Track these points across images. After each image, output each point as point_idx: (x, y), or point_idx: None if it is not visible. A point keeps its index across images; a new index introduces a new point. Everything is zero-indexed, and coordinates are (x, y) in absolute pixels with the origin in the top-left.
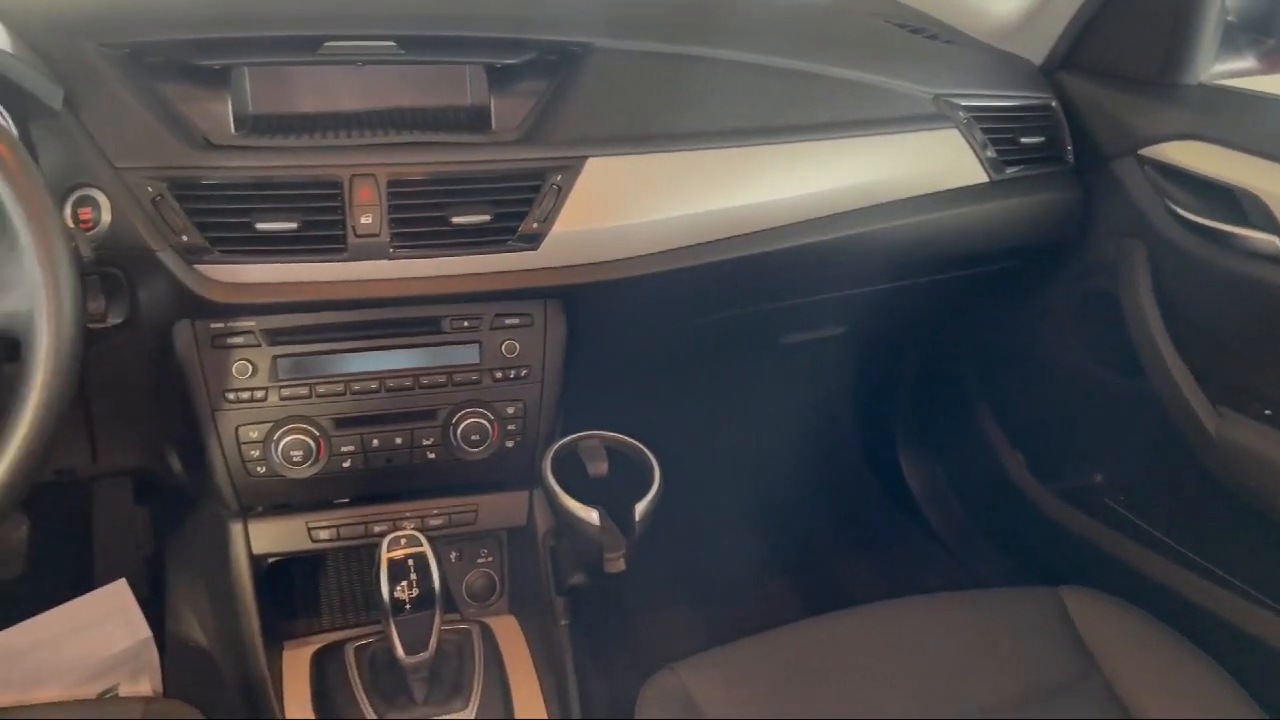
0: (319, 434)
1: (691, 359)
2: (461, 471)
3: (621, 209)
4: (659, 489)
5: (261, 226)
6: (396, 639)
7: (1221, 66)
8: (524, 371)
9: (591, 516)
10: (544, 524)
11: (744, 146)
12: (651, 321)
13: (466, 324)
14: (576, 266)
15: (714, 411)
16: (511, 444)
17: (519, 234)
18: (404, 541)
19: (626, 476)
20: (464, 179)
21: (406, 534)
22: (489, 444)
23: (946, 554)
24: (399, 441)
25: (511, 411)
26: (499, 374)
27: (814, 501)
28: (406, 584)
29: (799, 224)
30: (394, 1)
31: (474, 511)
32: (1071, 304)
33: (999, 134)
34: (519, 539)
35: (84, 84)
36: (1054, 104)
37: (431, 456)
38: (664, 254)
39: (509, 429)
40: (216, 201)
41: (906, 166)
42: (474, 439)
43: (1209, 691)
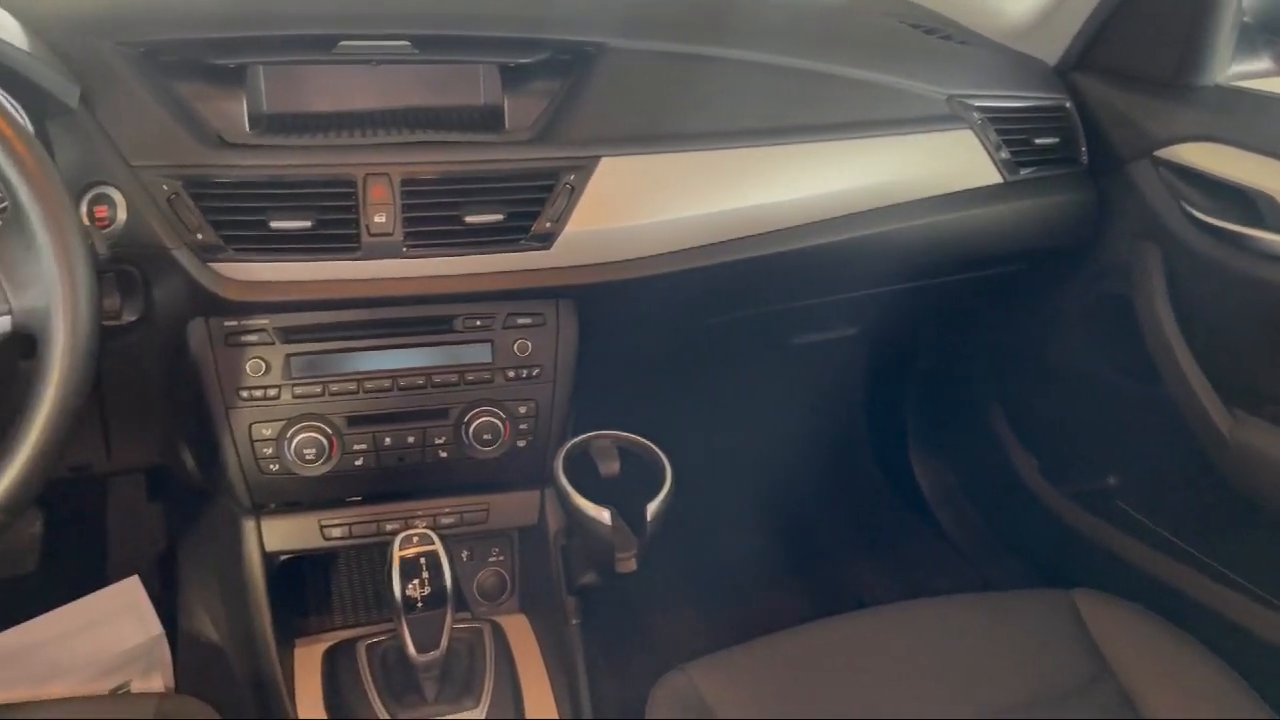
0: (331, 432)
1: (703, 359)
2: (473, 470)
3: (634, 209)
4: (671, 489)
5: (276, 225)
6: (408, 637)
7: (1237, 68)
8: (536, 371)
9: (603, 516)
10: (555, 523)
11: (757, 147)
12: (663, 321)
13: (479, 323)
14: (589, 266)
15: (725, 412)
16: (523, 443)
17: (532, 233)
18: (416, 540)
19: (638, 476)
20: (477, 178)
21: (418, 532)
22: (501, 443)
23: (957, 556)
24: (411, 440)
25: (523, 411)
26: (511, 373)
27: (825, 503)
28: (418, 582)
29: (812, 224)
30: (408, 1)
31: (485, 510)
32: (1085, 306)
33: (1013, 135)
34: (530, 538)
35: (100, 82)
36: (1068, 105)
37: (443, 455)
38: (676, 254)
39: (521, 428)
40: (231, 200)
41: (920, 167)
42: (486, 438)
43: (1221, 695)
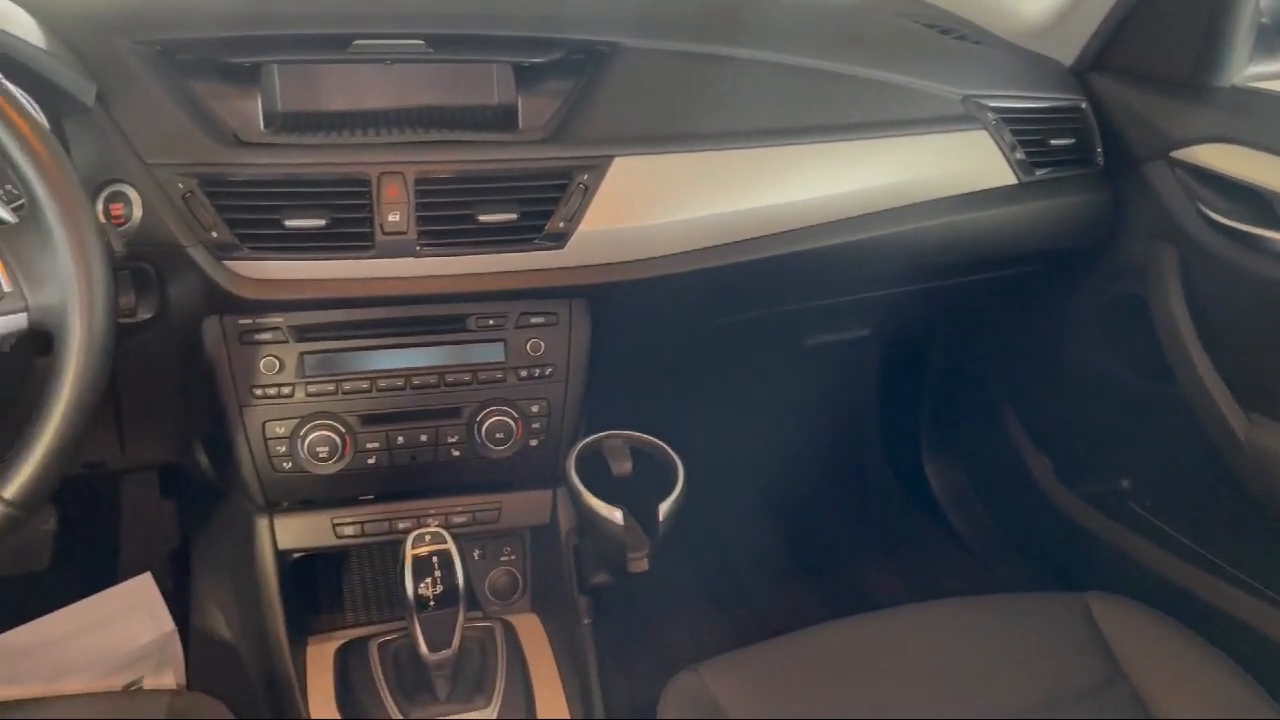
0: (345, 430)
1: (716, 359)
2: (485, 469)
3: (647, 208)
4: (683, 489)
5: (290, 223)
6: (420, 636)
7: (1254, 69)
8: (548, 370)
9: (615, 516)
10: (567, 523)
11: (771, 147)
12: (676, 321)
13: (492, 322)
14: (602, 266)
15: (737, 412)
16: (535, 442)
17: (545, 233)
18: (428, 538)
19: (650, 476)
20: (491, 178)
21: (431, 531)
22: (513, 442)
23: (970, 557)
24: (424, 439)
25: (536, 410)
26: (524, 372)
27: (837, 503)
28: (430, 581)
29: (826, 225)
30: (423, 1)
31: (497, 510)
32: (1100, 307)
33: (1028, 135)
34: (542, 537)
35: (116, 81)
36: (1084, 105)
37: (456, 454)
38: (690, 254)
39: (533, 427)
40: (246, 198)
41: (934, 168)
42: (498, 437)
43: (1236, 699)
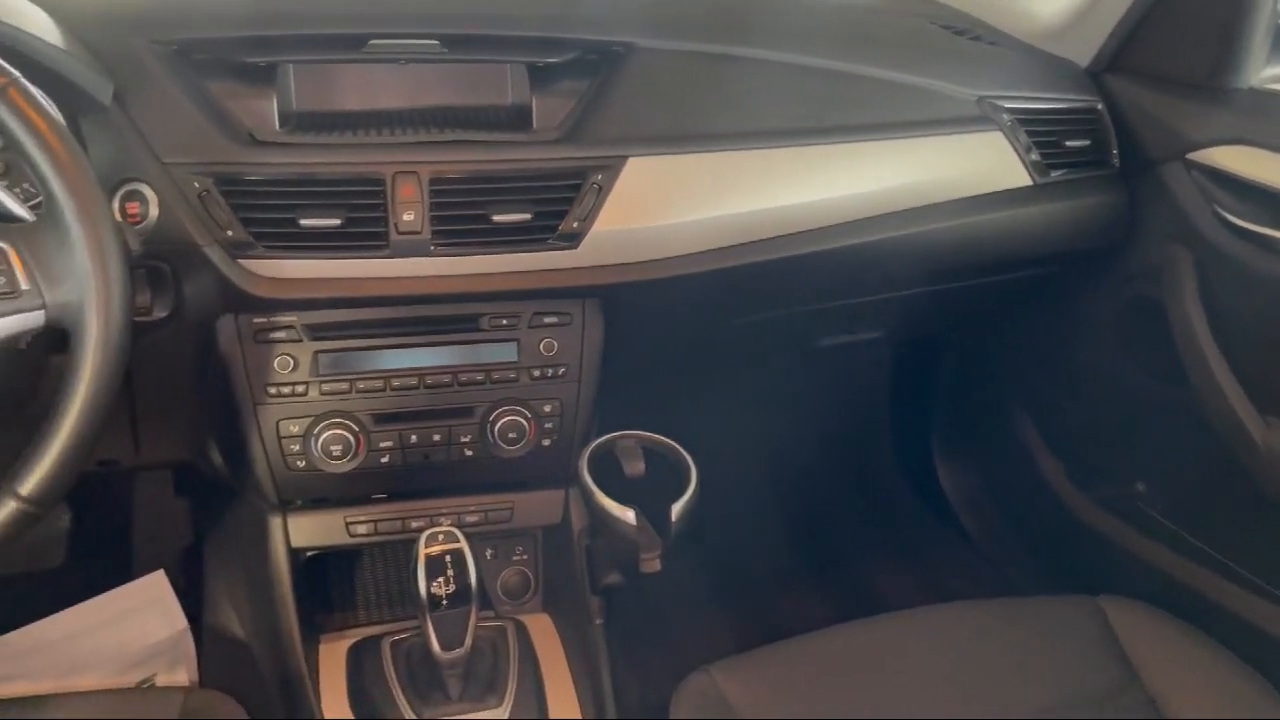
0: (358, 429)
1: (729, 360)
2: (498, 469)
3: (661, 209)
4: (696, 490)
5: (305, 223)
6: (432, 634)
7: (1272, 70)
8: (561, 370)
9: (628, 516)
10: (579, 523)
11: (785, 147)
12: (689, 322)
13: (505, 322)
14: (615, 266)
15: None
16: (548, 442)
17: (559, 233)
18: (441, 538)
19: (663, 477)
20: (505, 177)
21: (444, 530)
22: (526, 442)
23: (982, 560)
24: (437, 438)
25: (548, 410)
26: (536, 372)
27: (849, 505)
28: (443, 580)
29: (840, 225)
30: (437, 1)
31: (510, 509)
32: (1115, 310)
33: (1043, 137)
34: (554, 537)
35: (133, 80)
36: (1100, 107)
37: (469, 454)
38: (703, 254)
39: (546, 427)
40: (261, 197)
41: (949, 169)
42: (511, 437)
43: (1252, 703)
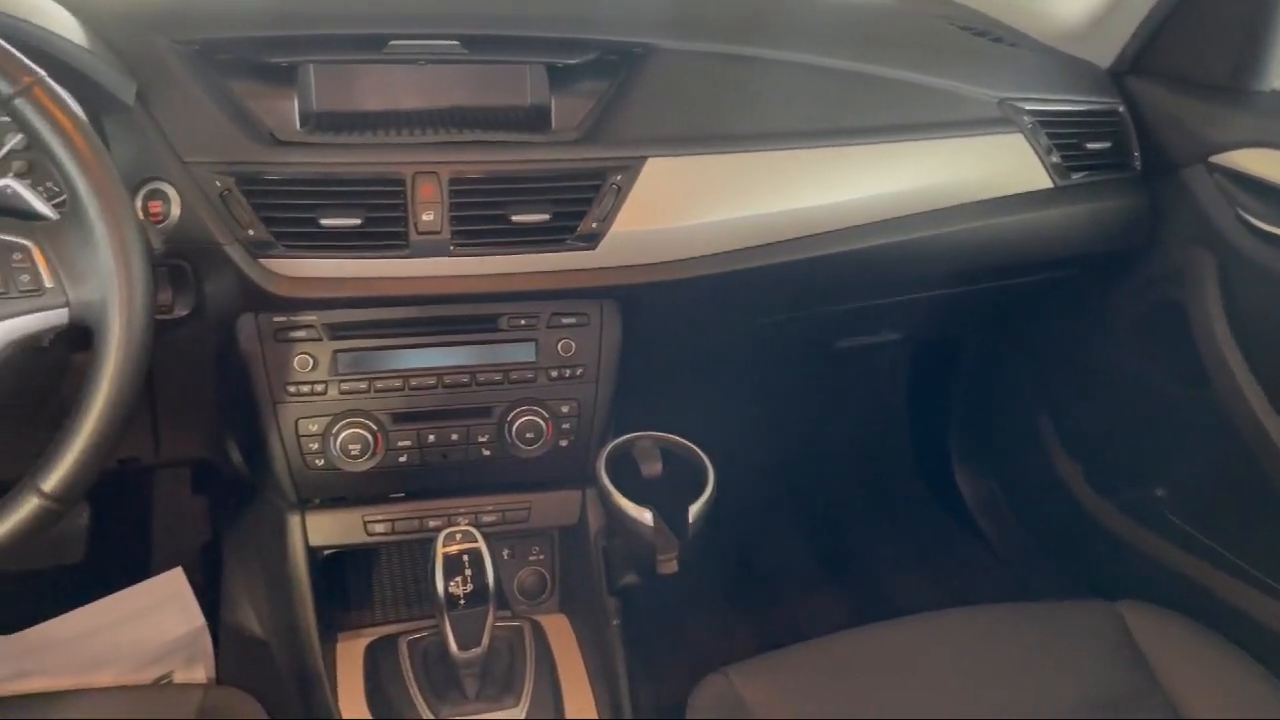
0: (377, 428)
1: (746, 361)
2: (515, 469)
3: (680, 210)
4: (713, 491)
5: (326, 222)
6: (450, 634)
7: None
8: (579, 371)
9: (645, 517)
10: (596, 523)
11: (805, 148)
12: (707, 323)
13: (523, 322)
14: (634, 267)
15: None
16: (565, 443)
17: (578, 233)
18: (459, 537)
19: (680, 478)
20: (524, 178)
21: (461, 530)
22: (543, 442)
23: (999, 565)
24: (455, 438)
25: (566, 410)
26: (554, 373)
27: (866, 507)
28: (461, 579)
29: (860, 227)
30: (457, 1)
31: (527, 509)
32: (1136, 313)
33: (1064, 139)
34: (571, 538)
35: (155, 79)
36: (1121, 109)
37: (486, 453)
38: (722, 255)
39: (563, 428)
40: (282, 197)
41: (970, 171)
42: (528, 437)
43: (1273, 710)
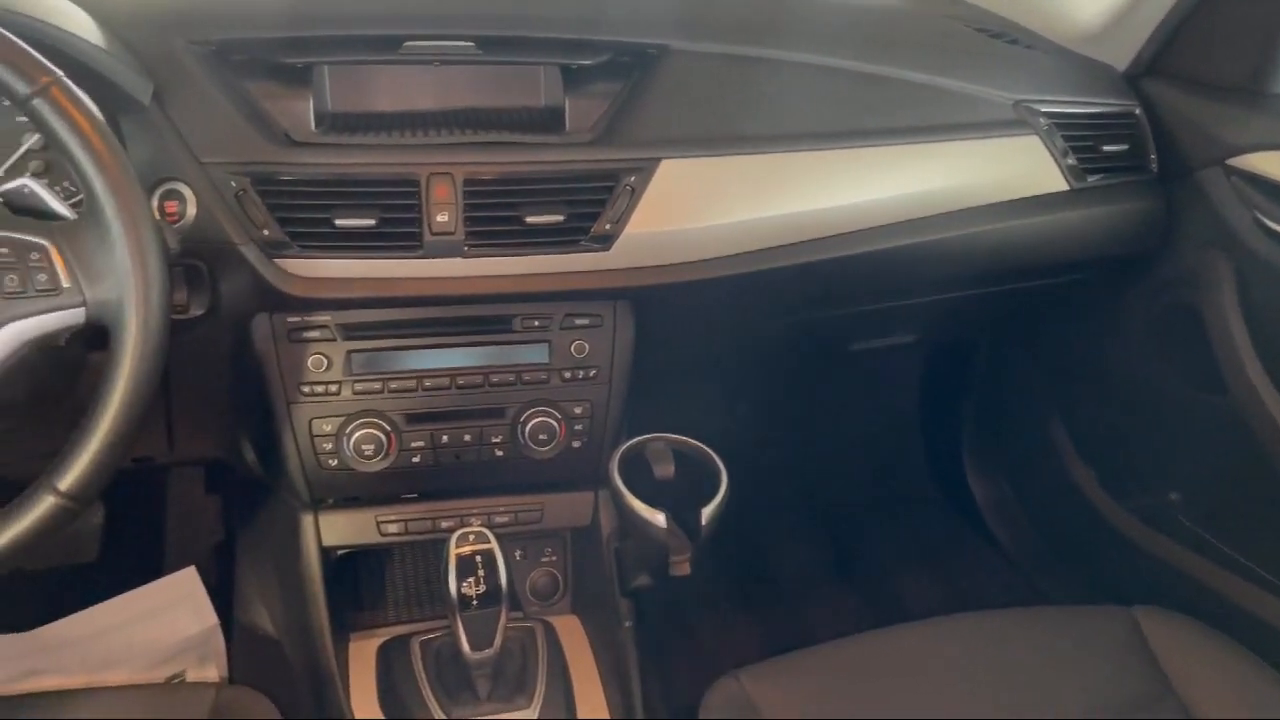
0: (390, 429)
1: (760, 363)
2: (528, 470)
3: (694, 211)
4: (726, 493)
5: (340, 223)
6: (462, 634)
7: None
8: (592, 372)
9: (658, 519)
10: (609, 525)
11: (820, 150)
12: (721, 325)
13: (537, 323)
14: (648, 268)
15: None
16: (578, 444)
17: (591, 234)
18: (472, 538)
19: (693, 480)
20: (538, 179)
21: (474, 530)
22: (556, 443)
23: (1011, 569)
24: (468, 438)
25: (579, 411)
26: (568, 374)
27: (878, 510)
28: (473, 580)
29: (874, 229)
30: (472, 2)
31: (540, 510)
32: (1151, 316)
33: (1080, 141)
34: (583, 539)
35: (172, 80)
36: (1137, 111)
37: (499, 454)
38: (736, 257)
39: (576, 429)
40: (297, 197)
41: (985, 173)
42: (541, 438)
43: None
